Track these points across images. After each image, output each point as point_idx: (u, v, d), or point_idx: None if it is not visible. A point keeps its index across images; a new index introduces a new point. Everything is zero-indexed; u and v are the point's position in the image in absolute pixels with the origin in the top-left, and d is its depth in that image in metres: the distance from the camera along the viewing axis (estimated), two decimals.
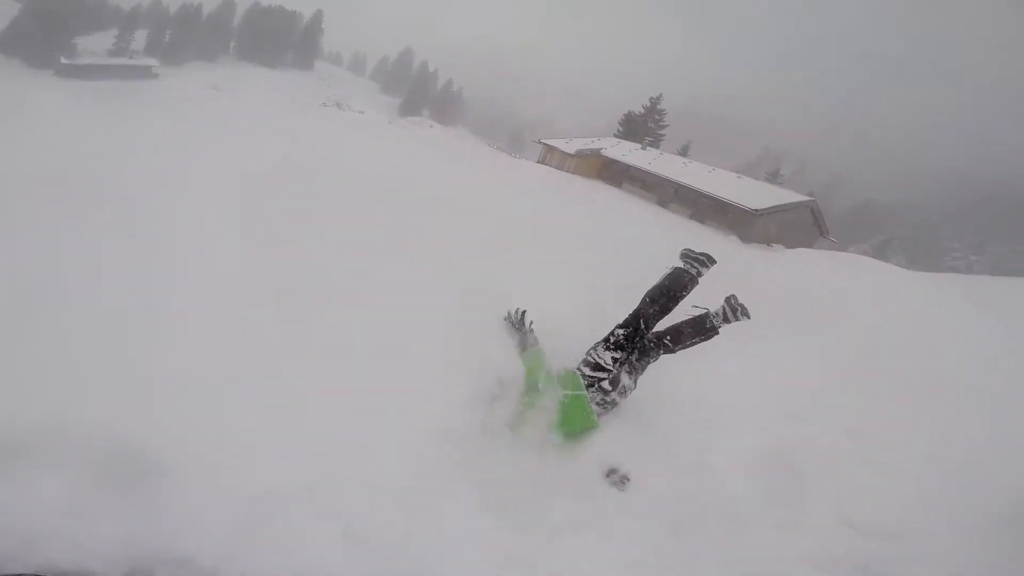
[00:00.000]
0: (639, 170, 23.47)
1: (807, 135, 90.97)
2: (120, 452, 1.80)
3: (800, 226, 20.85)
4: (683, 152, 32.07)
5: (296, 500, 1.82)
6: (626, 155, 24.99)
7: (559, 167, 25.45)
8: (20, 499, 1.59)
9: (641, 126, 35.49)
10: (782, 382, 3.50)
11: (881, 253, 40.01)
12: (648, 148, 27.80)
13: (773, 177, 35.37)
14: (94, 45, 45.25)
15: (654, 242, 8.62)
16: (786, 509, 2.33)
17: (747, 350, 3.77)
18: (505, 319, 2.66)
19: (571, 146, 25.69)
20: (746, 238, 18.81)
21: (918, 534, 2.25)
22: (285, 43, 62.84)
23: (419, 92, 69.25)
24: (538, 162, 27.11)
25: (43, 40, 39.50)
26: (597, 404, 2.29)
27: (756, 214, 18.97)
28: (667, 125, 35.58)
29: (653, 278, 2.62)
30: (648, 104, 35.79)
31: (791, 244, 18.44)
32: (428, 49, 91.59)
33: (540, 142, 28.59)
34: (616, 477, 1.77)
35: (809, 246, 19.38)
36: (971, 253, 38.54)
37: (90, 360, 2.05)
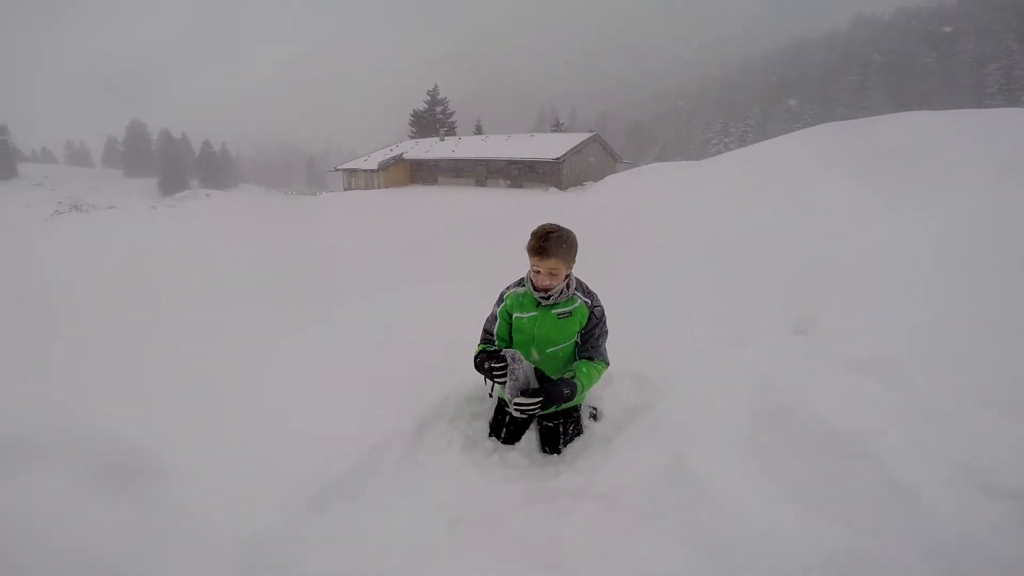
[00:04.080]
0: (447, 161, 23.53)
1: (567, 84, 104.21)
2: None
3: (598, 159, 23.46)
4: (478, 131, 33.27)
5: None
6: (429, 151, 24.80)
7: (368, 186, 24.06)
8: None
9: (431, 119, 35.66)
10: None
11: (663, 159, 47.84)
12: (446, 138, 28.06)
13: (557, 127, 39.18)
14: None
15: (500, 223, 8.60)
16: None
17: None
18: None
19: (372, 161, 24.46)
20: (561, 185, 20.40)
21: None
22: None
23: (174, 164, 58.57)
24: (345, 189, 25.26)
25: None
26: None
27: (559, 162, 20.63)
28: (453, 112, 36.46)
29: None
30: (428, 98, 36.10)
31: (598, 177, 20.58)
32: (161, 114, 78.07)
33: (336, 169, 26.61)
34: (594, 412, 2.29)
35: (612, 172, 21.96)
36: (723, 136, 48.34)
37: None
